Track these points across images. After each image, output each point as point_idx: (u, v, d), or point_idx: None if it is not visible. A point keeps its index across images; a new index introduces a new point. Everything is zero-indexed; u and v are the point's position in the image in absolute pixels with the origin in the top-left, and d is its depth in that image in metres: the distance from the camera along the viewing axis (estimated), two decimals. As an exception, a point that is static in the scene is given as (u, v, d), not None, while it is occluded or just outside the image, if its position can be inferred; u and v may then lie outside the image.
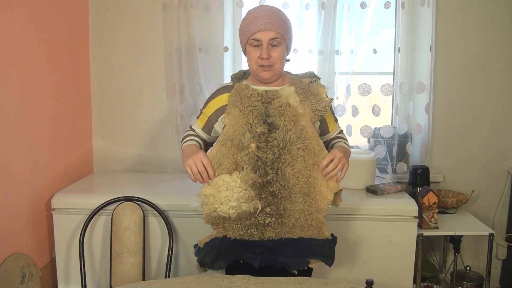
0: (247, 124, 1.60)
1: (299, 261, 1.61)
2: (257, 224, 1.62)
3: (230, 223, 1.65)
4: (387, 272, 2.25)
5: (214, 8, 2.60)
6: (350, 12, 2.60)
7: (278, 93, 1.63)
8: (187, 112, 2.66)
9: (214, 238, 1.68)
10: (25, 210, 2.13)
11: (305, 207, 1.62)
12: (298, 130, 1.60)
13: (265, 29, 1.56)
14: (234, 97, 1.64)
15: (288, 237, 1.63)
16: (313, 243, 1.64)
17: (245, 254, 1.64)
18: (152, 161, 2.82)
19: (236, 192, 1.61)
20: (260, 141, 1.59)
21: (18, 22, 2.03)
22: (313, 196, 1.63)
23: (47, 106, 2.31)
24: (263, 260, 1.61)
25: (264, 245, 1.64)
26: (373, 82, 2.64)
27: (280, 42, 1.60)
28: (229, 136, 1.62)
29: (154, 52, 2.73)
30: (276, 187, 1.60)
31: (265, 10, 1.60)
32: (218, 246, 1.66)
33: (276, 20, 1.58)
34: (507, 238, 2.75)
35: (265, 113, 1.61)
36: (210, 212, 1.64)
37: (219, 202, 1.62)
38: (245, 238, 1.64)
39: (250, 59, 1.63)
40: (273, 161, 1.59)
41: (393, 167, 2.69)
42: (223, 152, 1.62)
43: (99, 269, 2.28)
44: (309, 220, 1.64)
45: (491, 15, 2.66)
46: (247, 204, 1.60)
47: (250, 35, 1.59)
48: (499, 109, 2.73)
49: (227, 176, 1.61)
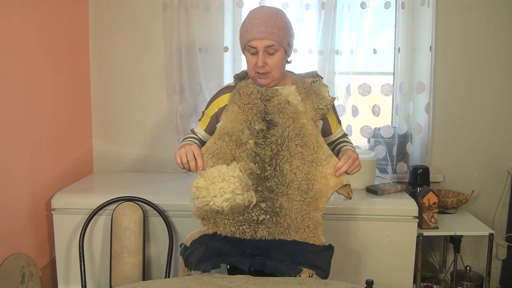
0: (246, 121, 1.60)
1: (290, 267, 1.57)
2: (250, 220, 1.59)
3: (222, 218, 1.61)
4: (387, 272, 2.25)
5: (214, 8, 2.60)
6: (350, 12, 2.60)
7: (278, 91, 1.63)
8: (187, 112, 2.66)
9: (204, 234, 1.63)
10: (25, 210, 2.13)
11: (302, 206, 1.59)
12: (297, 127, 1.59)
13: (260, 37, 1.55)
14: (234, 95, 1.65)
15: (282, 238, 1.60)
16: (308, 248, 1.59)
17: (234, 254, 1.60)
18: (152, 161, 2.82)
19: (232, 183, 1.58)
20: (259, 138, 1.59)
21: (18, 22, 2.03)
22: (312, 193, 1.60)
23: (47, 106, 2.31)
24: (252, 264, 1.58)
25: (255, 245, 1.60)
26: (373, 82, 2.64)
27: (277, 49, 1.58)
28: (227, 131, 1.61)
29: (154, 52, 2.73)
30: (273, 182, 1.59)
31: (262, 15, 1.57)
32: (206, 243, 1.61)
33: (272, 27, 1.55)
34: (507, 238, 2.75)
35: (264, 111, 1.60)
36: (202, 205, 1.60)
37: (213, 194, 1.59)
38: (236, 235, 1.60)
39: (248, 65, 1.64)
40: (271, 157, 1.58)
41: (393, 167, 2.69)
42: (219, 145, 1.60)
43: (99, 269, 2.28)
44: (306, 220, 1.60)
45: (491, 15, 2.66)
46: (242, 196, 1.57)
47: (246, 42, 1.59)
48: (499, 109, 2.73)
49: (223, 166, 1.59)
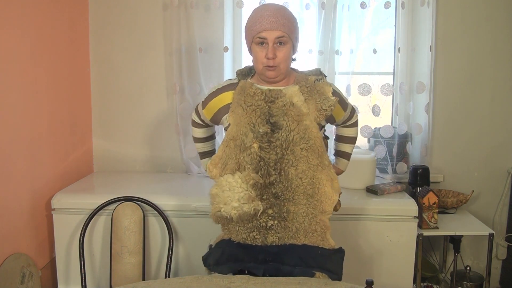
0: (250, 124, 1.58)
1: (304, 271, 1.56)
2: (259, 227, 1.59)
3: (233, 225, 1.63)
4: (387, 272, 2.25)
5: (214, 8, 2.60)
6: (350, 12, 2.60)
7: (282, 92, 1.60)
8: (187, 112, 2.66)
9: (221, 240, 1.67)
10: (25, 210, 2.13)
11: (309, 210, 1.59)
12: (301, 130, 1.57)
13: (271, 28, 1.54)
14: (238, 96, 1.62)
15: (292, 243, 1.60)
16: (318, 252, 1.60)
17: (249, 260, 1.60)
18: (152, 161, 2.82)
19: (237, 193, 1.58)
20: (263, 141, 1.56)
21: (18, 22, 2.03)
22: (318, 197, 1.59)
23: (47, 106, 2.31)
24: (267, 269, 1.58)
25: (267, 251, 1.60)
26: (373, 82, 2.64)
27: (286, 41, 1.57)
28: (233, 136, 1.60)
29: (154, 52, 2.73)
30: (279, 188, 1.57)
31: (271, 8, 1.57)
32: (222, 248, 1.64)
33: (282, 19, 1.55)
34: (507, 238, 2.75)
35: (268, 113, 1.58)
36: (215, 211, 1.62)
37: (223, 202, 1.60)
38: (248, 242, 1.61)
39: (255, 59, 1.61)
40: (276, 161, 1.56)
41: (393, 167, 2.69)
42: (227, 153, 1.61)
43: (99, 269, 2.28)
44: (313, 224, 1.60)
45: (490, 15, 2.66)
46: (248, 205, 1.57)
47: (256, 34, 1.56)
48: (499, 109, 2.73)
49: (229, 176, 1.59)
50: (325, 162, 1.61)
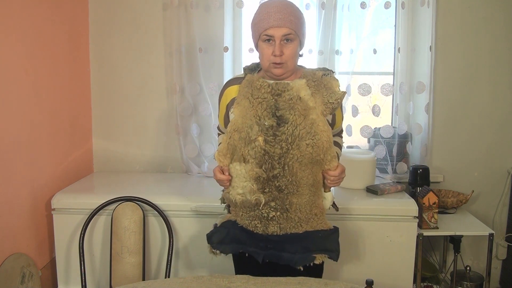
0: (256, 117, 1.56)
1: (304, 257, 1.59)
2: (260, 217, 1.61)
3: (238, 210, 1.66)
4: (387, 272, 2.25)
5: (214, 8, 2.60)
6: (350, 12, 2.60)
7: (289, 85, 1.58)
8: (187, 112, 2.66)
9: (228, 220, 1.71)
10: (25, 210, 2.13)
11: (310, 198, 1.62)
12: (308, 125, 1.55)
13: (278, 25, 1.53)
14: (245, 88, 1.61)
15: (294, 232, 1.62)
16: (318, 235, 1.63)
17: (250, 245, 1.65)
18: (152, 161, 2.82)
19: (242, 181, 1.61)
20: (268, 135, 1.55)
21: (18, 22, 2.03)
22: (316, 184, 1.64)
23: (47, 106, 2.31)
24: (267, 255, 1.61)
25: (268, 239, 1.63)
26: (373, 82, 2.64)
27: (293, 38, 1.56)
28: (237, 127, 1.59)
29: (154, 52, 2.73)
30: (282, 182, 1.57)
31: (278, 4, 1.56)
32: (228, 228, 1.68)
33: (289, 15, 1.54)
34: (507, 238, 2.75)
35: (274, 106, 1.56)
36: (226, 192, 1.68)
37: (232, 185, 1.64)
38: (249, 228, 1.64)
39: (262, 56, 1.60)
40: (281, 155, 1.55)
41: (393, 167, 2.69)
42: (231, 145, 1.61)
43: (99, 269, 2.28)
44: (313, 209, 1.63)
45: (491, 15, 2.66)
46: (250, 194, 1.60)
47: (263, 31, 1.55)
48: (499, 109, 2.73)
49: (237, 164, 1.61)
50: (328, 157, 1.60)
